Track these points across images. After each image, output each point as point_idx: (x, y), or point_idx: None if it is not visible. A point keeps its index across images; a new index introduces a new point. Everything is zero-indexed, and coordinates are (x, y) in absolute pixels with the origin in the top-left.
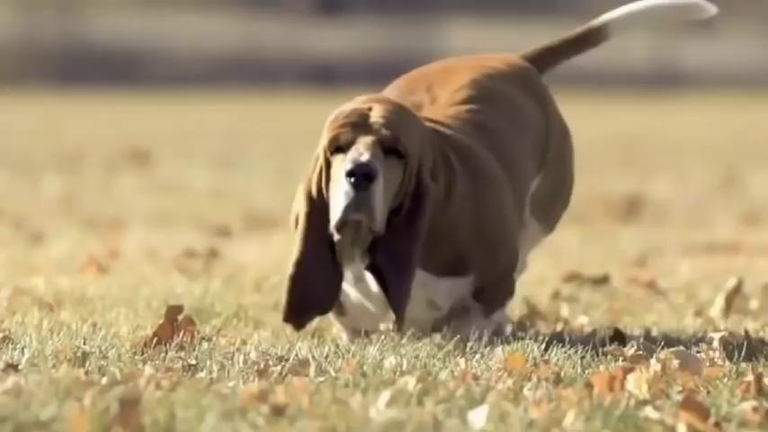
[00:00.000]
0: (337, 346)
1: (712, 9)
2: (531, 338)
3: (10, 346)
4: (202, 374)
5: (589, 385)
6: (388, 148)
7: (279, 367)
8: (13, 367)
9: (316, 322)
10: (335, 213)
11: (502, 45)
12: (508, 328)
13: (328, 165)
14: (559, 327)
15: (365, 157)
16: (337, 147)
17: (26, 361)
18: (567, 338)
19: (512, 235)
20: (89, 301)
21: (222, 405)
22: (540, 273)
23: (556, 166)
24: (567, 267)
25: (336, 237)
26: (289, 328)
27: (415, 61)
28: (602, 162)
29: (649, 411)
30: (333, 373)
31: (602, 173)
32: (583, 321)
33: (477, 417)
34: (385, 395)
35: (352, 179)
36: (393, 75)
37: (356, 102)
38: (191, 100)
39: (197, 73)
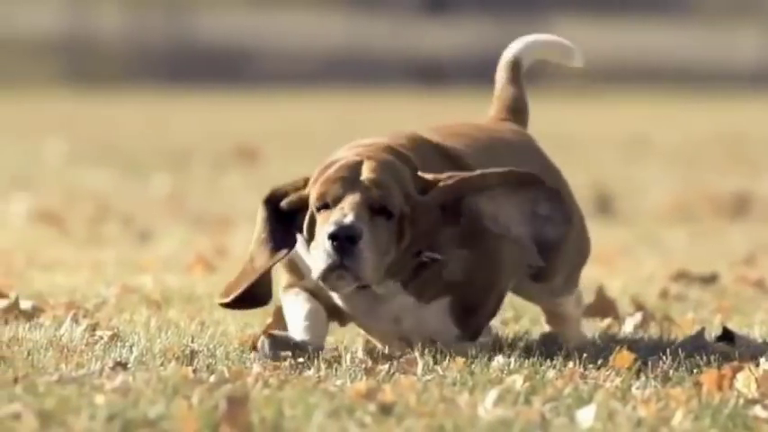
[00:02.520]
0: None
1: (578, 61)
2: (639, 337)
3: (118, 344)
4: (310, 373)
5: (698, 384)
6: (377, 208)
7: (386, 366)
8: (121, 365)
9: None
10: (317, 270)
11: (609, 43)
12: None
13: (313, 218)
14: (667, 325)
15: (349, 218)
16: (324, 203)
17: (134, 359)
18: (676, 337)
19: (497, 273)
20: (197, 299)
21: (330, 403)
22: (649, 271)
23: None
24: (675, 266)
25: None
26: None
27: None
28: (709, 160)
29: (758, 410)
30: (440, 372)
31: (710, 171)
32: (691, 320)
33: (585, 415)
34: (492, 394)
35: (334, 242)
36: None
37: (350, 151)
38: (298, 98)
39: (304, 71)
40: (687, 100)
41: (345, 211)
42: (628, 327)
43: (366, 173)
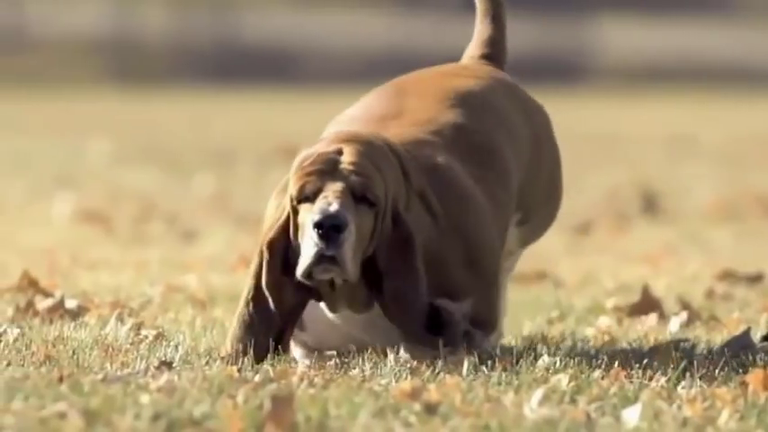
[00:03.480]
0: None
1: None
2: (684, 336)
3: (163, 343)
4: (355, 372)
5: (743, 384)
6: (359, 196)
7: (431, 365)
8: (166, 364)
9: None
10: (302, 264)
11: (654, 42)
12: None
13: (296, 213)
14: (713, 325)
15: (334, 207)
16: (305, 196)
17: (179, 358)
18: (721, 337)
19: (491, 256)
20: None
21: (375, 403)
22: (694, 270)
23: (540, 166)
24: (720, 265)
25: (306, 282)
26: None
27: (567, 59)
28: (754, 159)
29: None
30: (486, 371)
31: (755, 170)
32: (737, 319)
33: (631, 415)
34: (538, 393)
35: (320, 231)
36: (547, 73)
37: (326, 142)
38: (341, 97)
39: (347, 70)
40: (732, 99)
41: (330, 200)
42: (673, 326)
43: (345, 161)
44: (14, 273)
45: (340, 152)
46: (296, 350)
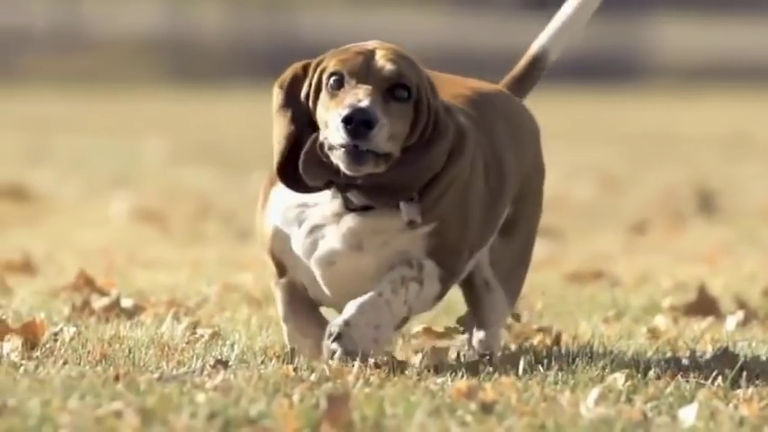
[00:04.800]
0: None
1: None
2: (741, 335)
3: (219, 342)
4: (411, 371)
5: None
6: (393, 90)
7: (487, 364)
8: (222, 363)
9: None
10: (341, 165)
11: (711, 41)
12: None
13: (319, 87)
14: None
15: (364, 102)
16: (339, 76)
17: (235, 357)
18: None
19: (475, 215)
20: None
21: (431, 402)
22: (751, 269)
23: (528, 200)
24: None
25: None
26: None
27: (623, 58)
28: None
29: None
30: (542, 370)
31: None
32: None
33: (687, 414)
34: (594, 392)
35: (349, 126)
36: (602, 72)
37: (363, 44)
38: None
39: None
40: None
41: (360, 97)
42: (730, 325)
43: (380, 57)
44: (71, 272)
45: (375, 50)
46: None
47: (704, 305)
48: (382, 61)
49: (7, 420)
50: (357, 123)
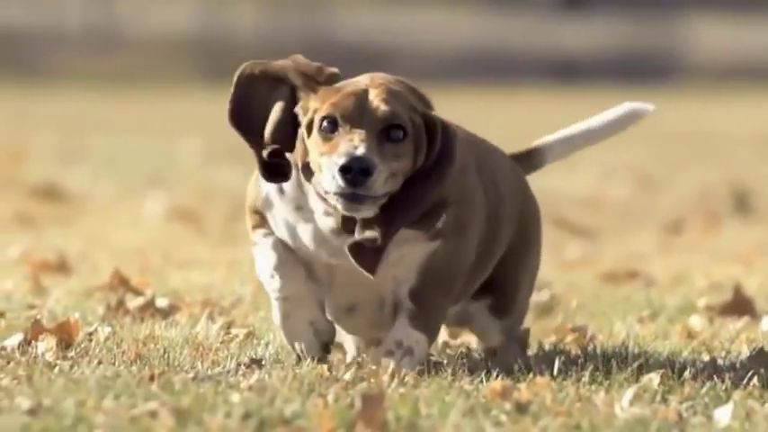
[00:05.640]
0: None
1: (649, 107)
2: None
3: (254, 341)
4: (445, 371)
5: None
6: (388, 131)
7: (522, 363)
8: (257, 363)
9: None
10: (338, 208)
11: (746, 40)
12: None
13: (310, 127)
14: None
15: (361, 150)
16: (332, 118)
17: (270, 357)
18: None
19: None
20: None
21: (465, 402)
22: None
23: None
24: None
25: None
26: None
27: (659, 58)
28: None
29: None
30: (576, 370)
31: None
32: None
33: (722, 414)
34: (629, 393)
35: (347, 175)
36: (637, 71)
37: (354, 81)
38: (433, 95)
39: (439, 69)
40: None
41: (356, 143)
42: (765, 325)
43: (374, 98)
44: (106, 271)
45: (368, 90)
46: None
47: (740, 305)
48: (376, 102)
49: (42, 420)
50: (356, 173)
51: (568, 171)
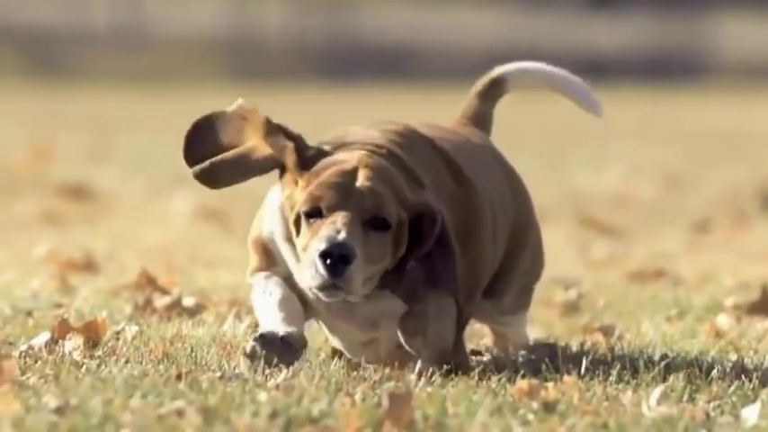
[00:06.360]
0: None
1: (600, 114)
2: None
3: None
4: (473, 370)
5: None
6: (371, 220)
7: (549, 363)
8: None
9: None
10: (308, 284)
11: None
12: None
13: (298, 221)
14: None
15: (342, 236)
16: (315, 208)
17: None
18: None
19: (484, 257)
20: None
21: (493, 401)
22: None
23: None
24: None
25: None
26: None
27: (687, 57)
28: None
29: None
30: (604, 370)
31: None
32: None
33: (750, 413)
34: (656, 392)
35: (327, 261)
36: (666, 70)
37: (343, 154)
38: (461, 94)
39: (467, 68)
40: None
41: (338, 227)
42: None
43: (361, 182)
44: (133, 270)
45: (356, 171)
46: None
47: (767, 304)
48: (363, 186)
49: (70, 419)
50: (335, 259)
51: (596, 170)
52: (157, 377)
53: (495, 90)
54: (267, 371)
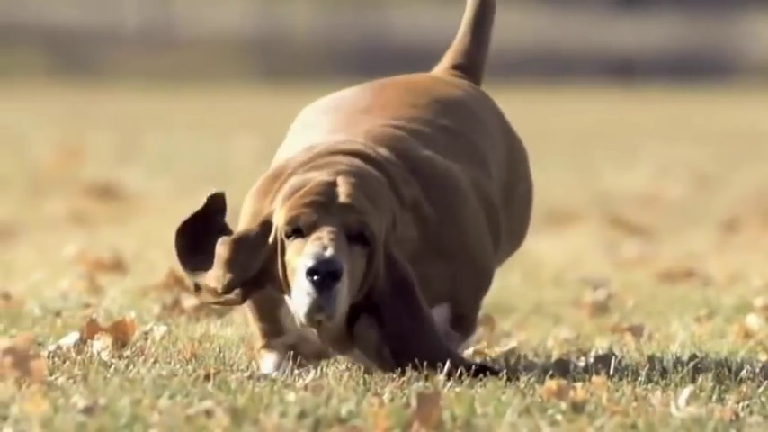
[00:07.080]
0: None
1: None
2: None
3: None
4: (501, 370)
5: None
6: (355, 234)
7: (578, 363)
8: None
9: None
10: (299, 314)
11: None
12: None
13: (283, 246)
14: None
15: (329, 252)
16: (296, 228)
17: None
18: None
19: (485, 254)
20: None
21: (521, 401)
22: None
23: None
24: None
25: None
26: None
27: (716, 57)
28: None
29: None
30: (633, 370)
31: None
32: None
33: None
34: (685, 392)
35: (315, 278)
36: (694, 70)
37: (319, 171)
38: (491, 94)
39: (495, 67)
40: None
41: (325, 242)
42: None
43: (342, 194)
44: (161, 270)
45: (334, 183)
46: (269, 357)
47: None
48: (344, 202)
49: (98, 419)
50: (323, 276)
51: (624, 170)
52: (186, 377)
53: (483, 13)
54: (296, 371)
